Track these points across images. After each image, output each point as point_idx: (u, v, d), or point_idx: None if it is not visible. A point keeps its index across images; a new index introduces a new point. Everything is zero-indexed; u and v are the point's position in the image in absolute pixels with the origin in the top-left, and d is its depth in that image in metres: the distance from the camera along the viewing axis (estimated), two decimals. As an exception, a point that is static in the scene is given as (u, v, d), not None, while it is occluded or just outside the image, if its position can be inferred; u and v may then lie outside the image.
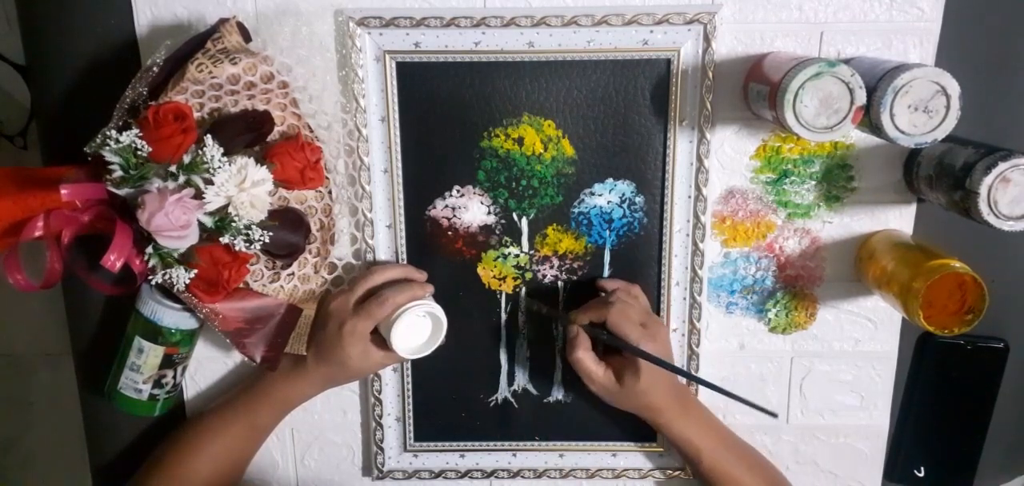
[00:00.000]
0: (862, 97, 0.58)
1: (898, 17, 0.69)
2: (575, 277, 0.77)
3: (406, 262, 0.76)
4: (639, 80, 0.71)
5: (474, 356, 0.79)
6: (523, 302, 0.77)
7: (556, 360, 0.79)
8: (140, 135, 0.61)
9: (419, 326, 0.73)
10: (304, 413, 0.80)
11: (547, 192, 0.75)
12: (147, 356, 0.72)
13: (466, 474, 0.82)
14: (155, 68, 0.64)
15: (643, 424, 0.77)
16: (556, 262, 0.76)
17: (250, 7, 0.70)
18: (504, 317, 0.78)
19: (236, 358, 0.80)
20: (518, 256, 0.76)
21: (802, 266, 0.76)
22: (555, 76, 0.71)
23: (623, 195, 0.74)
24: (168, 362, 0.73)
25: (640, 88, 0.71)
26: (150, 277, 0.65)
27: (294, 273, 0.74)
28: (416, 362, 0.79)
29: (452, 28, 0.69)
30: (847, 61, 0.66)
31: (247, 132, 0.66)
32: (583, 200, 0.75)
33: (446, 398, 0.81)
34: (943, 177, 0.66)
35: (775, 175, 0.74)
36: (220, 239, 0.64)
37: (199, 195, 0.63)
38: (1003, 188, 0.60)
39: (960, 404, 0.79)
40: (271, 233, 0.67)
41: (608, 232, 0.76)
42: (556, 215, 0.75)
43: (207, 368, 0.80)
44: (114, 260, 0.61)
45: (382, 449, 0.81)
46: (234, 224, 0.64)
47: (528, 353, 0.79)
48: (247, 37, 0.68)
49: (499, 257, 0.76)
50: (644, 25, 0.69)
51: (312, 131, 0.71)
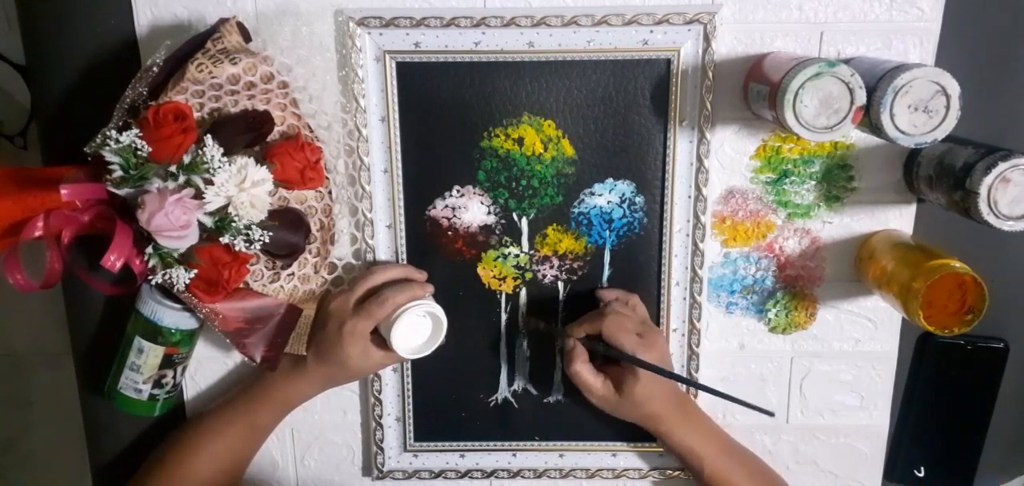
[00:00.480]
0: (862, 97, 0.58)
1: (898, 17, 0.69)
2: (575, 277, 0.77)
3: (406, 262, 0.76)
4: (639, 80, 0.71)
5: (474, 356, 0.79)
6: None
7: (556, 360, 0.79)
8: (140, 135, 0.61)
9: (419, 326, 0.73)
10: (304, 413, 0.80)
11: (547, 192, 0.75)
12: (147, 356, 0.72)
13: (466, 474, 0.82)
14: (155, 68, 0.64)
15: (643, 424, 0.77)
16: (556, 262, 0.76)
17: (250, 7, 0.70)
18: (504, 317, 0.78)
19: (236, 358, 0.80)
20: (518, 256, 0.76)
21: (802, 266, 0.76)
22: (555, 76, 0.71)
23: (623, 195, 0.74)
24: (168, 362, 0.73)
25: (640, 88, 0.71)
26: (150, 277, 0.65)
27: (294, 273, 0.74)
28: (416, 362, 0.79)
29: (452, 28, 0.69)
30: (847, 61, 0.66)
31: (247, 132, 0.66)
32: (583, 200, 0.75)
33: (446, 398, 0.81)
34: (943, 177, 0.66)
35: (775, 175, 0.74)
36: (220, 239, 0.64)
37: (199, 195, 0.63)
38: (1003, 188, 0.59)
39: (960, 404, 0.79)
40: (271, 233, 0.67)
41: (608, 232, 0.76)
42: (556, 215, 0.75)
43: (207, 368, 0.80)
44: (114, 260, 0.61)
45: (382, 449, 0.81)
46: (234, 224, 0.64)
47: (528, 353, 0.79)
48: (247, 37, 0.68)
49: (499, 257, 0.76)
50: (644, 25, 0.69)
51: (312, 131, 0.71)
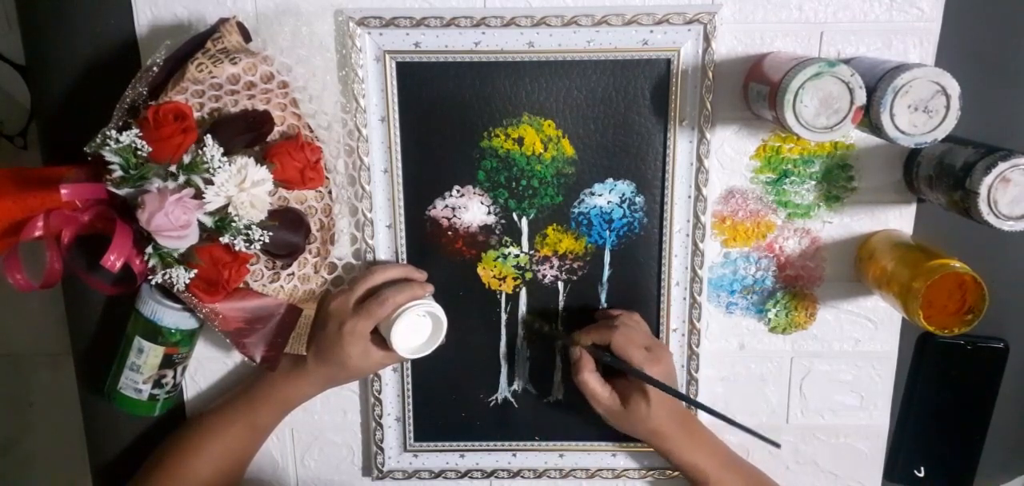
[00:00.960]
0: (862, 97, 0.58)
1: (898, 17, 0.69)
2: (575, 277, 0.77)
3: (406, 262, 0.76)
4: (639, 80, 0.71)
5: (474, 356, 0.79)
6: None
7: (556, 360, 0.79)
8: (140, 135, 0.61)
9: (419, 326, 0.73)
10: (304, 413, 0.80)
11: (547, 192, 0.75)
12: (147, 356, 0.72)
13: (466, 474, 0.82)
14: (155, 68, 0.64)
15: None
16: (556, 262, 0.76)
17: (250, 7, 0.70)
18: (504, 317, 0.78)
19: (236, 358, 0.80)
20: (518, 256, 0.76)
21: (802, 266, 0.76)
22: (555, 76, 0.71)
23: (623, 195, 0.74)
24: (168, 362, 0.73)
25: (640, 88, 0.71)
26: (150, 277, 0.65)
27: (294, 273, 0.74)
28: (416, 362, 0.79)
29: (452, 28, 0.69)
30: (847, 61, 0.66)
31: (247, 132, 0.66)
32: (583, 200, 0.75)
33: (446, 398, 0.81)
34: (943, 177, 0.66)
35: (775, 175, 0.74)
36: (220, 239, 0.64)
37: (199, 195, 0.63)
38: (1003, 188, 0.59)
39: (960, 404, 0.79)
40: (271, 233, 0.67)
41: (608, 232, 0.76)
42: (556, 215, 0.75)
43: (207, 368, 0.80)
44: (114, 260, 0.61)
45: (382, 449, 0.81)
46: (234, 224, 0.64)
47: (528, 353, 0.79)
48: (247, 37, 0.68)
49: (499, 257, 0.76)
50: (644, 25, 0.69)
51: (312, 131, 0.71)
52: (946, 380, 0.78)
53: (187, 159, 0.63)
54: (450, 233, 0.76)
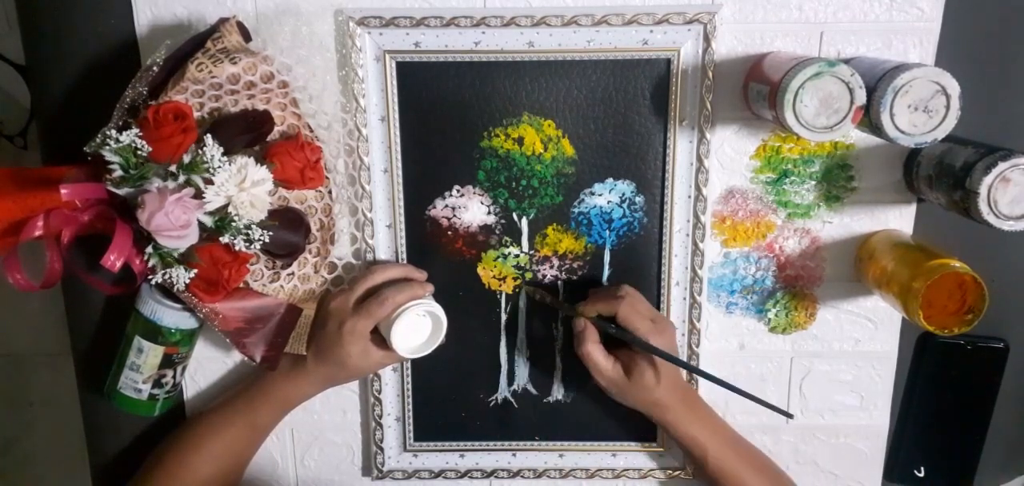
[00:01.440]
0: (862, 97, 0.58)
1: (898, 17, 0.69)
2: (575, 277, 0.77)
3: (406, 262, 0.76)
4: (639, 80, 0.71)
5: (474, 356, 0.79)
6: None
7: (556, 360, 0.79)
8: (140, 135, 0.61)
9: (419, 325, 0.73)
10: (304, 413, 0.80)
11: (547, 192, 0.75)
12: (147, 356, 0.72)
13: (466, 474, 0.82)
14: (155, 68, 0.64)
15: (643, 424, 0.77)
16: (556, 262, 0.76)
17: (250, 7, 0.70)
18: (504, 317, 0.78)
19: (236, 358, 0.80)
20: (518, 256, 0.76)
21: (802, 266, 0.76)
22: (555, 76, 0.71)
23: (623, 195, 0.74)
24: (168, 362, 0.73)
25: (640, 88, 0.71)
26: (150, 277, 0.65)
27: (294, 273, 0.74)
28: (416, 362, 0.79)
29: (452, 28, 0.69)
30: (847, 61, 0.66)
31: (247, 132, 0.66)
32: (583, 200, 0.75)
33: (446, 398, 0.81)
34: (943, 177, 0.66)
35: (775, 175, 0.74)
36: (220, 239, 0.64)
37: (199, 195, 0.63)
38: (1003, 188, 0.59)
39: (960, 404, 0.79)
40: (271, 233, 0.67)
41: (608, 232, 0.76)
42: (556, 215, 0.75)
43: (207, 368, 0.80)
44: (114, 260, 0.61)
45: (382, 449, 0.81)
46: (234, 224, 0.64)
47: (528, 353, 0.79)
48: (247, 37, 0.68)
49: (499, 257, 0.76)
50: (644, 25, 0.69)
51: (312, 131, 0.71)
52: (946, 380, 0.78)
53: (187, 159, 0.63)
54: (450, 233, 0.76)
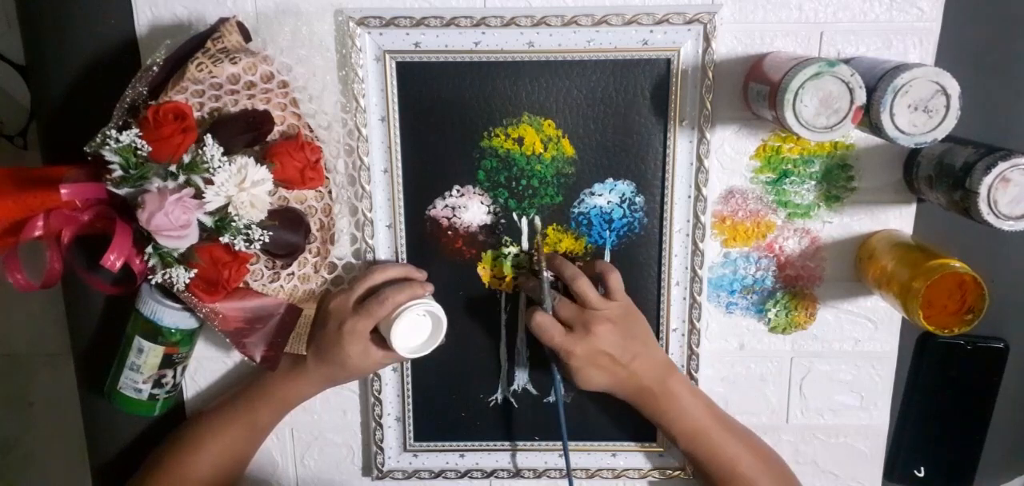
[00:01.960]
0: (862, 97, 0.58)
1: (898, 17, 0.69)
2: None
3: (406, 262, 0.76)
4: (639, 80, 0.71)
5: (474, 356, 0.79)
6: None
7: (556, 360, 0.79)
8: (140, 135, 0.61)
9: (419, 325, 0.73)
10: (304, 413, 0.80)
11: (547, 192, 0.75)
12: (147, 356, 0.72)
13: (466, 474, 0.82)
14: (155, 68, 0.64)
15: (643, 424, 0.77)
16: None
17: (250, 7, 0.70)
18: (504, 317, 0.78)
19: (236, 358, 0.80)
20: (518, 256, 0.76)
21: (802, 266, 0.76)
22: (555, 76, 0.71)
23: (623, 195, 0.74)
24: (168, 362, 0.73)
25: (640, 88, 0.71)
26: (150, 277, 0.65)
27: (294, 273, 0.74)
28: (416, 362, 0.79)
29: (452, 28, 0.69)
30: (847, 61, 0.66)
31: (247, 132, 0.66)
32: (583, 200, 0.75)
33: (446, 398, 0.81)
34: (943, 177, 0.66)
35: (775, 175, 0.74)
36: (220, 239, 0.64)
37: (199, 195, 0.63)
38: (1003, 188, 0.59)
39: (960, 404, 0.79)
40: (271, 233, 0.67)
41: (608, 232, 0.76)
42: (556, 215, 0.75)
43: (207, 368, 0.80)
44: (114, 260, 0.61)
45: (382, 449, 0.81)
46: (234, 224, 0.64)
47: (528, 353, 0.79)
48: (247, 37, 0.68)
49: (499, 257, 0.76)
50: (644, 25, 0.69)
51: (312, 131, 0.71)
52: (946, 380, 0.78)
53: (187, 159, 0.63)
54: (450, 233, 0.76)
